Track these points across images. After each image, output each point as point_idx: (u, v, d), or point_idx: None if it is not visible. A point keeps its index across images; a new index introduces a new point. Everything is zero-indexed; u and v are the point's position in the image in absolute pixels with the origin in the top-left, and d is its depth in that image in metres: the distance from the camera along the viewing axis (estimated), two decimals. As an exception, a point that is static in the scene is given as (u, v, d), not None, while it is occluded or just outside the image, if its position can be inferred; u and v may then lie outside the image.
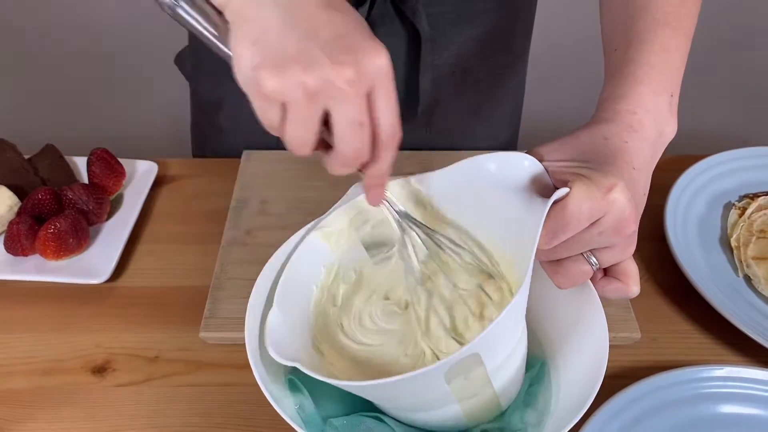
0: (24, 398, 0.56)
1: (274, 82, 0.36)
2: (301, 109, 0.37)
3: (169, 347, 0.60)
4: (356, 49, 0.36)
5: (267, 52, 0.36)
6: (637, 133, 0.46)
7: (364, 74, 0.36)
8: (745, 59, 1.61)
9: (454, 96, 0.79)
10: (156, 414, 0.55)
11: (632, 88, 0.47)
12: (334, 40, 0.36)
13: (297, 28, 0.36)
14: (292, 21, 0.37)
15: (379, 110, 0.38)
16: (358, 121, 0.37)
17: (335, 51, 0.36)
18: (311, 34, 0.36)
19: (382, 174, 0.41)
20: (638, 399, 0.53)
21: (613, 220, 0.41)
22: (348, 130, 0.37)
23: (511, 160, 0.45)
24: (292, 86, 0.36)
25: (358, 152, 0.39)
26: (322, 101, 0.37)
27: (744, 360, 0.60)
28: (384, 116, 0.38)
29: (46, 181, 0.72)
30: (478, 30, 0.74)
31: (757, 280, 0.64)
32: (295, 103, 0.36)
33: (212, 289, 0.62)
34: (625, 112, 0.46)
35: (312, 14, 0.37)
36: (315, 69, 0.35)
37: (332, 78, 0.35)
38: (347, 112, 0.37)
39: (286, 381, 0.45)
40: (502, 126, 0.88)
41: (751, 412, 0.55)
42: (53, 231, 0.63)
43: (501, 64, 0.80)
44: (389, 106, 0.38)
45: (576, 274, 0.44)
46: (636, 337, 0.59)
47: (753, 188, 0.74)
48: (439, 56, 0.74)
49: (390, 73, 0.37)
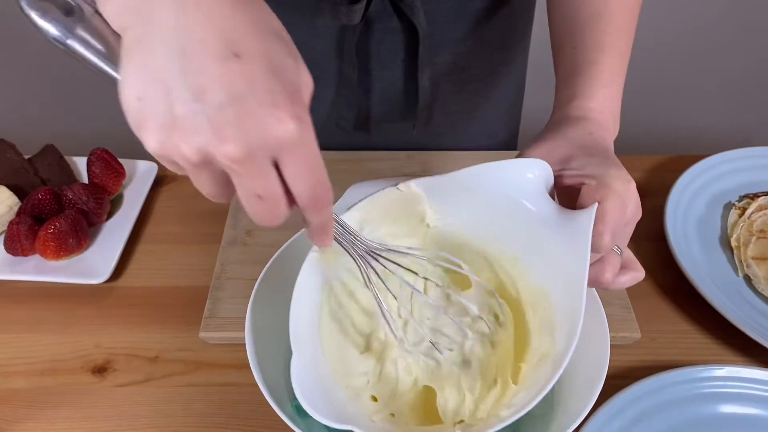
0: (24, 398, 0.56)
1: (155, 144, 0.32)
2: (193, 173, 0.34)
3: (169, 347, 0.60)
4: (248, 119, 0.31)
5: (151, 111, 0.32)
6: (607, 131, 0.48)
7: (255, 149, 0.31)
8: (745, 59, 1.61)
9: (452, 94, 0.79)
10: (156, 414, 0.55)
11: (599, 90, 0.50)
12: (223, 105, 0.31)
13: (187, 86, 0.31)
14: (184, 73, 0.31)
15: (289, 180, 0.34)
16: (254, 193, 0.34)
17: (223, 122, 0.31)
18: (199, 95, 0.31)
19: (319, 227, 0.38)
20: (638, 399, 0.53)
21: (633, 209, 0.43)
22: (247, 201, 0.34)
23: (518, 166, 0.45)
24: (174, 153, 0.32)
25: (266, 220, 0.35)
26: (215, 169, 0.33)
27: (744, 360, 0.60)
28: (296, 185, 0.34)
29: (46, 181, 0.72)
30: (475, 27, 0.74)
31: (757, 280, 0.64)
32: (185, 167, 0.33)
33: (212, 289, 0.62)
34: (595, 110, 0.49)
35: (206, 66, 0.31)
36: (195, 141, 0.31)
37: (214, 154, 0.31)
38: (241, 185, 0.34)
39: (293, 408, 0.44)
40: (501, 125, 0.88)
41: (751, 412, 0.55)
42: (53, 231, 0.63)
43: (499, 62, 0.80)
44: (302, 174, 0.33)
45: (615, 264, 0.44)
46: (636, 337, 0.59)
47: (753, 188, 0.74)
48: (437, 54, 0.74)
49: (302, 140, 0.32)
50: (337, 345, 0.46)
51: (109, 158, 0.71)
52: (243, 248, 0.66)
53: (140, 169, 0.75)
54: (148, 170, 0.75)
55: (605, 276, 0.44)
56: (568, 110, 0.50)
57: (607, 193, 0.42)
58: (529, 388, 0.41)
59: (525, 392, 0.41)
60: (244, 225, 0.69)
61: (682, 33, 1.55)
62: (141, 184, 0.73)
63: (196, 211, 0.73)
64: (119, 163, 0.72)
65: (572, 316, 0.40)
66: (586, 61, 0.51)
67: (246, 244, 0.67)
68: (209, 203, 0.74)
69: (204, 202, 0.74)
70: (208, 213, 0.72)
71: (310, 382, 0.40)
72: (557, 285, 0.43)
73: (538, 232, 0.44)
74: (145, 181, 0.74)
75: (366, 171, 0.75)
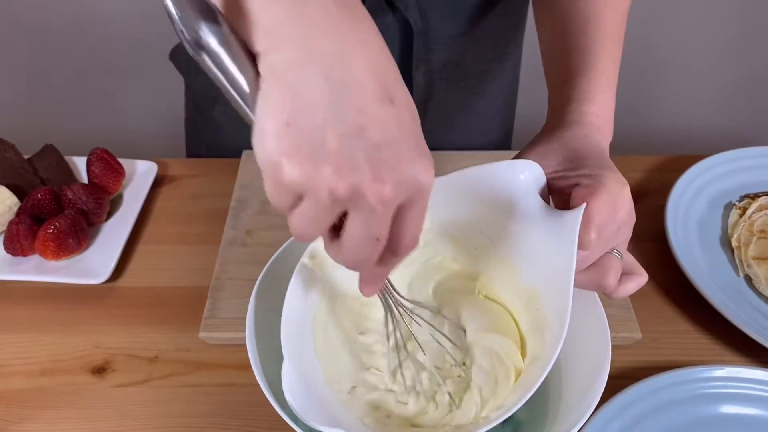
0: (24, 398, 0.56)
1: (299, 174, 0.30)
2: (319, 210, 0.32)
3: (169, 347, 0.60)
4: (403, 162, 0.31)
5: (301, 139, 0.30)
6: (602, 135, 0.48)
7: (402, 192, 0.31)
8: (745, 59, 1.60)
9: (445, 91, 0.79)
10: (156, 414, 0.55)
11: (595, 94, 0.50)
12: (382, 145, 0.30)
13: (345, 120, 0.30)
14: (341, 107, 0.30)
15: (406, 226, 0.34)
16: (375, 236, 0.33)
17: (380, 162, 0.30)
18: (358, 132, 0.30)
19: (384, 276, 0.39)
20: (638, 399, 0.53)
21: (627, 212, 0.43)
22: (361, 243, 0.33)
23: (509, 168, 0.45)
24: (318, 186, 0.30)
25: (362, 263, 0.35)
26: (345, 206, 0.32)
27: (744, 360, 0.60)
28: (409, 232, 0.34)
29: (46, 181, 0.72)
30: (469, 24, 0.74)
31: (758, 280, 0.64)
32: (314, 203, 0.31)
33: (212, 290, 0.62)
34: (591, 114, 0.49)
35: (366, 105, 0.30)
36: (351, 177, 0.30)
37: (366, 193, 0.30)
38: (368, 226, 0.32)
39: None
40: (495, 123, 0.88)
41: (751, 412, 0.54)
42: (53, 231, 0.63)
43: (493, 58, 0.80)
44: (418, 222, 0.34)
45: (615, 268, 0.44)
46: (636, 337, 0.59)
47: (753, 188, 0.73)
48: (431, 50, 0.74)
49: (430, 190, 0.33)
50: (330, 350, 0.46)
51: (109, 158, 0.71)
52: (243, 248, 0.66)
53: (140, 169, 0.75)
54: (148, 170, 0.75)
55: (608, 281, 0.44)
56: (563, 114, 0.50)
57: (598, 193, 0.42)
58: (520, 389, 0.41)
59: (515, 394, 0.42)
60: (244, 225, 0.69)
61: (682, 33, 1.55)
62: (141, 184, 0.73)
63: (196, 211, 0.73)
64: (119, 163, 0.72)
65: (561, 316, 0.41)
66: (581, 66, 0.52)
67: (246, 244, 0.67)
68: (209, 203, 0.74)
69: (204, 202, 0.75)
70: (208, 213, 0.72)
71: (300, 386, 0.40)
72: (547, 285, 0.44)
73: (529, 233, 0.45)
74: (145, 181, 0.74)
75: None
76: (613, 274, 0.44)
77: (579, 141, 0.47)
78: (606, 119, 0.50)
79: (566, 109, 0.50)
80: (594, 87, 0.50)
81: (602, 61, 0.51)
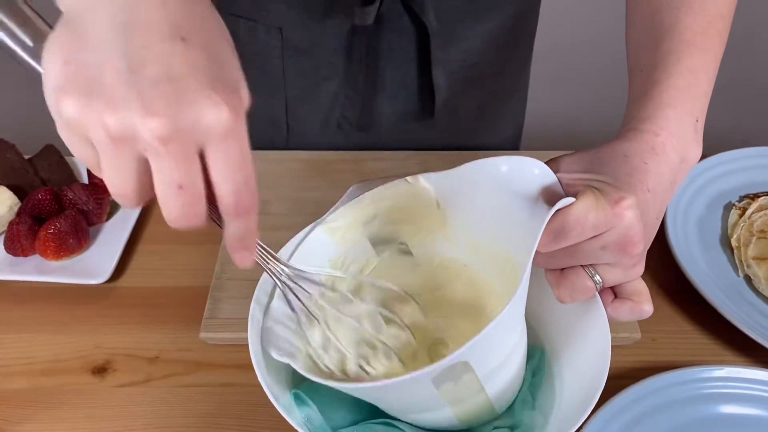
0: (24, 398, 0.56)
1: (73, 110, 0.30)
2: (108, 153, 0.31)
3: (169, 348, 0.60)
4: (183, 98, 0.29)
5: (77, 75, 0.30)
6: (658, 156, 0.44)
7: (184, 131, 0.29)
8: (745, 59, 1.60)
9: (462, 93, 0.80)
10: (156, 414, 0.55)
11: (658, 111, 0.45)
12: (159, 81, 0.29)
13: (124, 56, 0.29)
14: (123, 45, 0.30)
15: (213, 173, 0.31)
16: (175, 183, 0.31)
17: (154, 96, 0.29)
18: (138, 68, 0.29)
19: (240, 239, 0.35)
20: (638, 399, 0.53)
21: (617, 235, 0.40)
22: (163, 191, 0.31)
23: (523, 165, 0.44)
24: (92, 122, 0.30)
25: (182, 218, 0.32)
26: (134, 150, 0.30)
27: (744, 360, 0.60)
28: (221, 181, 0.31)
29: (46, 182, 0.72)
30: (485, 26, 0.74)
31: (758, 280, 0.64)
32: (100, 144, 0.31)
33: (212, 290, 0.62)
34: (649, 133, 0.45)
35: (150, 42, 0.30)
36: (120, 110, 0.29)
37: (137, 127, 0.29)
38: (162, 170, 0.31)
39: (292, 395, 0.45)
40: (507, 124, 0.89)
41: (751, 412, 0.54)
42: (53, 231, 0.63)
43: (507, 58, 0.81)
44: (228, 169, 0.31)
45: (578, 288, 0.43)
46: (636, 337, 0.59)
47: (753, 188, 0.74)
48: (448, 52, 0.75)
49: (232, 133, 0.30)
50: None
51: (109, 158, 0.71)
52: (243, 248, 0.66)
53: (140, 169, 0.75)
54: (148, 170, 0.75)
55: (560, 291, 0.43)
56: (622, 131, 0.47)
57: (586, 197, 0.40)
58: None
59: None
60: (244, 225, 0.68)
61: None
62: (141, 184, 0.73)
63: (196, 211, 0.73)
64: (119, 163, 0.72)
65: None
66: (649, 81, 0.47)
67: (246, 244, 0.67)
68: (209, 203, 0.74)
69: (204, 202, 0.74)
70: (208, 213, 0.72)
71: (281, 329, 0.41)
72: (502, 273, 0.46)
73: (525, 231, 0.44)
74: (145, 181, 0.74)
75: (366, 171, 0.75)
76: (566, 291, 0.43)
77: (614, 156, 0.44)
78: (669, 137, 0.45)
79: (626, 126, 0.47)
80: (655, 104, 0.46)
81: (674, 75, 0.47)
